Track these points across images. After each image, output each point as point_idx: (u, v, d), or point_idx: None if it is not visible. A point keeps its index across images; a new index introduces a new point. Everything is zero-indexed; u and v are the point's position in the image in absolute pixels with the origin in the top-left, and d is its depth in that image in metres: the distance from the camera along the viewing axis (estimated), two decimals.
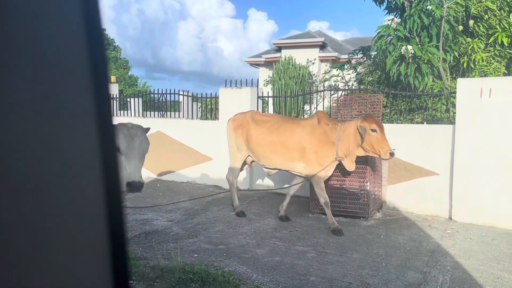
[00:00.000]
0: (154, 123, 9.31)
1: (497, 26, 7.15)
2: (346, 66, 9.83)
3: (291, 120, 6.10)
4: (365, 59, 9.31)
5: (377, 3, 8.29)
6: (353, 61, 10.08)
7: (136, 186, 2.96)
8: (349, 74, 9.91)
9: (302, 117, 10.00)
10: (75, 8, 0.57)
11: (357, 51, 9.32)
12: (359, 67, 9.51)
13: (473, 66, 7.19)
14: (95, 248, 0.60)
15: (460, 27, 7.23)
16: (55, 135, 0.55)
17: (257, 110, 8.34)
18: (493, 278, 3.96)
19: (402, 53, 6.84)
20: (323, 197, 5.61)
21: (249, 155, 6.32)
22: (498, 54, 7.16)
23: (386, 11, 8.22)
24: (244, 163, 6.49)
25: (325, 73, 12.10)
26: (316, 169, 5.60)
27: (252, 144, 6.06)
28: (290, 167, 5.84)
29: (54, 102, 0.55)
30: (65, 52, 0.56)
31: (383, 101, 7.23)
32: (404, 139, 6.46)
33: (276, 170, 6.13)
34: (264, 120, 6.08)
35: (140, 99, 11.28)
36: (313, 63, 12.83)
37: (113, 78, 15.66)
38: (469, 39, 7.35)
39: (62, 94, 0.56)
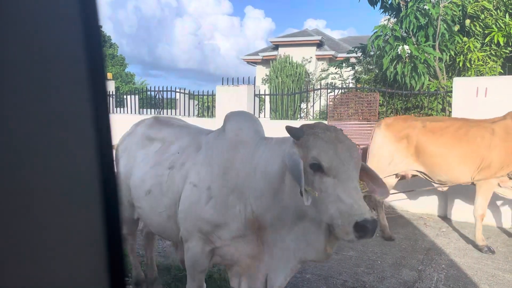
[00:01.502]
0: None
1: (493, 26, 7.17)
2: (344, 64, 9.84)
3: (475, 122, 4.99)
4: (362, 57, 9.33)
5: (371, 3, 8.27)
6: (351, 59, 10.09)
7: (370, 228, 1.69)
8: (347, 71, 9.93)
9: (299, 115, 10.02)
10: (73, 5, 0.57)
11: (356, 49, 9.33)
12: (357, 65, 9.53)
13: (469, 66, 7.22)
14: (92, 245, 0.60)
15: (457, 27, 7.25)
16: (52, 132, 0.55)
17: (254, 108, 8.33)
18: (487, 276, 3.98)
19: (399, 53, 6.85)
20: (482, 208, 4.75)
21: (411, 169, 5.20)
22: (494, 53, 7.19)
23: (382, 10, 8.22)
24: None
25: (322, 71, 12.11)
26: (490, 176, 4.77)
27: (430, 157, 4.96)
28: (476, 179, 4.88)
29: (51, 99, 0.55)
30: (62, 49, 0.56)
31: (380, 100, 7.25)
32: None
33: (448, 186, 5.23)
34: (440, 126, 4.98)
35: (137, 96, 11.25)
36: (309, 62, 12.84)
37: (109, 75, 15.60)
38: (465, 39, 7.38)
39: (59, 92, 0.56)
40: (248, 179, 2.12)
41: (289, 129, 1.93)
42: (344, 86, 8.65)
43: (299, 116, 10.04)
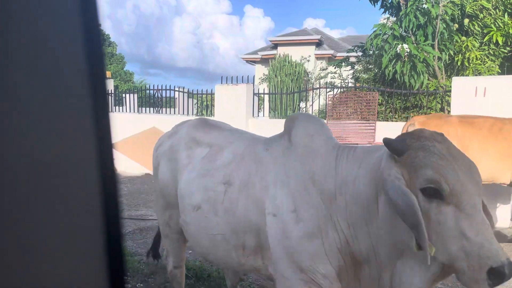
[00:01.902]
0: (150, 119, 9.28)
1: (492, 25, 7.19)
2: (343, 63, 9.84)
3: (508, 120, 4.85)
4: (361, 56, 9.34)
5: (372, 1, 8.30)
6: (350, 58, 10.10)
7: (507, 275, 1.32)
8: (346, 70, 9.94)
9: None
10: (72, 3, 0.57)
11: (355, 48, 9.33)
12: (356, 64, 9.54)
13: (467, 65, 7.23)
14: (91, 243, 0.60)
15: (455, 26, 7.27)
16: (51, 131, 0.55)
17: (253, 107, 8.32)
18: None
19: (398, 51, 6.86)
20: None
21: None
22: (492, 53, 7.20)
23: (382, 9, 8.24)
24: None
25: (321, 70, 12.12)
26: None
27: (472, 153, 4.62)
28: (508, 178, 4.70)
29: (50, 98, 0.55)
30: (62, 47, 0.56)
31: (379, 99, 7.26)
32: None
33: None
34: (477, 121, 4.85)
35: (136, 95, 11.24)
36: (308, 61, 12.86)
37: (108, 74, 15.58)
38: (464, 38, 7.39)
39: (59, 90, 0.56)
40: (334, 199, 1.72)
41: (388, 142, 1.49)
42: (343, 85, 8.66)
43: None
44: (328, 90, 8.02)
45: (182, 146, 2.43)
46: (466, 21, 7.34)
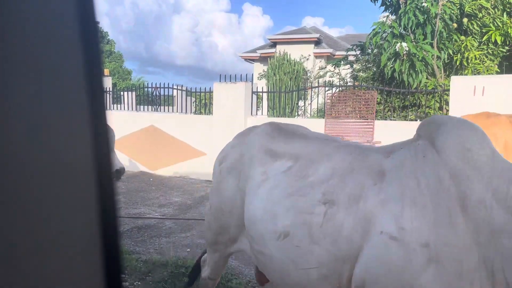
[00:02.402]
0: (148, 117, 9.27)
1: (491, 25, 7.19)
2: (342, 62, 9.85)
3: None
4: (360, 55, 9.34)
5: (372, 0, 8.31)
6: (349, 57, 10.11)
7: None
8: (345, 69, 9.95)
9: (296, 113, 10.04)
10: (70, 1, 0.57)
11: (354, 47, 9.34)
12: (355, 63, 9.55)
13: (466, 64, 7.24)
14: (89, 241, 0.60)
15: (454, 25, 7.27)
16: (48, 128, 0.54)
17: (251, 105, 8.32)
18: None
19: (397, 50, 6.87)
20: None
21: None
22: (491, 52, 7.21)
23: (382, 8, 8.25)
24: None
25: (320, 69, 12.13)
26: None
27: None
28: None
29: (47, 96, 0.55)
30: (59, 45, 0.56)
31: (377, 98, 7.26)
32: (397, 136, 6.49)
33: None
34: None
35: (134, 93, 11.21)
36: (307, 59, 12.86)
37: (106, 71, 15.56)
38: (462, 37, 7.40)
39: (56, 88, 0.55)
40: (499, 238, 1.28)
41: None
42: (342, 84, 8.66)
43: (296, 113, 10.05)
44: (326, 88, 8.02)
45: (255, 159, 2.04)
46: (465, 20, 7.34)
